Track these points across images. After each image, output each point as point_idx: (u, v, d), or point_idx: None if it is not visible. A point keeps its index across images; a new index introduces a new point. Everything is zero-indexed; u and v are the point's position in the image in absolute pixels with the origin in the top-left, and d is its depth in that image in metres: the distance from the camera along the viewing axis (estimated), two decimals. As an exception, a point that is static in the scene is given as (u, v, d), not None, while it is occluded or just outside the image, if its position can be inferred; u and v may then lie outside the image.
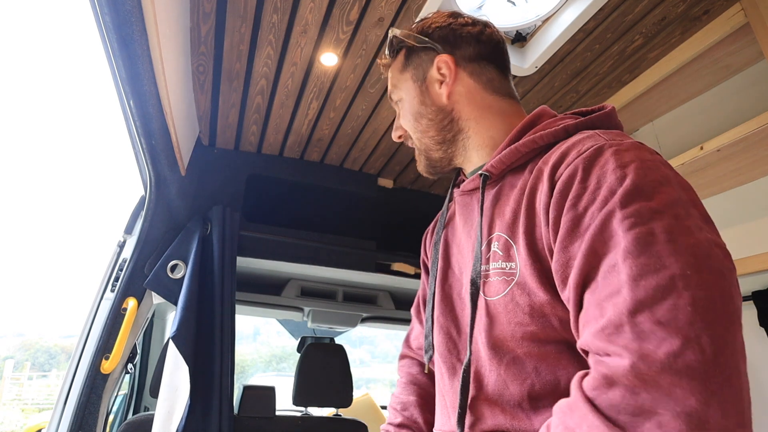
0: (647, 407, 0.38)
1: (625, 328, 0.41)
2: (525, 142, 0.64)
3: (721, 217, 1.42)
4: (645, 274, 0.42)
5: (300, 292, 2.04)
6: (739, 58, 1.34)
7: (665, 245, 0.43)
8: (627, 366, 0.40)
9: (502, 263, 0.61)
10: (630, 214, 0.46)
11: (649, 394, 0.38)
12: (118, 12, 0.83)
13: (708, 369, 0.38)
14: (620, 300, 0.43)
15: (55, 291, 55.32)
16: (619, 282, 0.44)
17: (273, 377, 8.72)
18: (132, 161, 1.38)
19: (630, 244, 0.44)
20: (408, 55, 0.79)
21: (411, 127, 0.78)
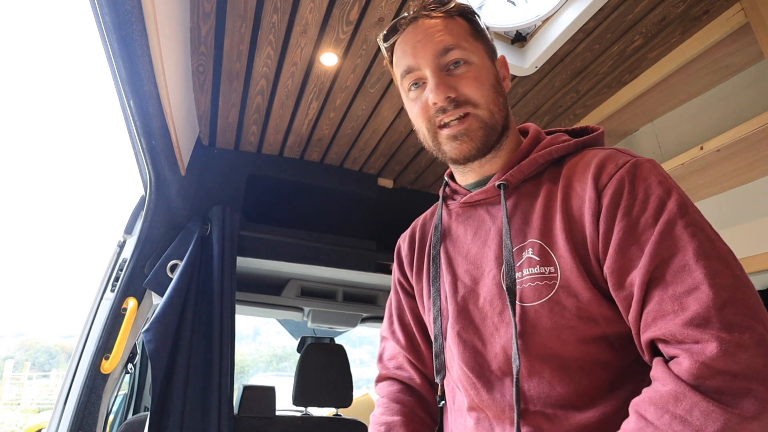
0: (745, 388, 0.45)
1: (713, 319, 0.48)
2: (542, 154, 0.68)
3: (721, 217, 1.42)
4: (717, 274, 0.50)
5: (300, 292, 2.04)
6: (739, 58, 1.34)
7: (722, 249, 0.53)
8: (724, 356, 0.46)
9: (540, 268, 0.62)
10: (689, 223, 0.54)
11: (745, 378, 0.46)
12: (118, 12, 0.83)
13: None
14: (702, 295, 0.49)
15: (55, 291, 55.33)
16: (696, 280, 0.50)
17: (273, 377, 8.72)
18: (132, 161, 1.38)
19: (698, 247, 0.52)
20: (477, 29, 0.73)
21: (488, 95, 0.68)
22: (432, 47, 0.68)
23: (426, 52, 0.68)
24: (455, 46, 0.68)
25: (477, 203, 0.73)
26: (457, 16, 0.71)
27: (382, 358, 0.92)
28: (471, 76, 0.68)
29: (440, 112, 0.67)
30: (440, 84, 0.67)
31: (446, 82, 0.67)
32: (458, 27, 0.70)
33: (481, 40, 0.72)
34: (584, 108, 1.65)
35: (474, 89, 0.67)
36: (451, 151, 0.69)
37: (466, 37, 0.70)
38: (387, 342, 0.92)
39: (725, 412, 0.45)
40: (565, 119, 1.72)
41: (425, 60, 0.68)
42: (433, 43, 0.68)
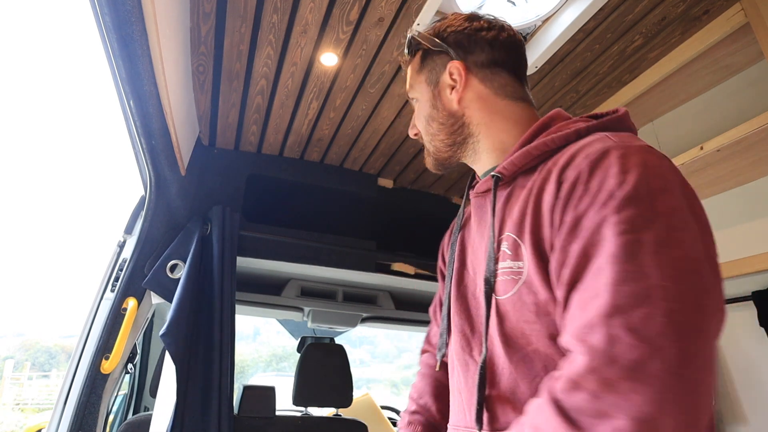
0: (606, 411, 0.40)
1: (597, 329, 0.43)
2: (537, 145, 0.65)
3: (721, 217, 1.42)
4: (626, 281, 0.44)
5: (300, 292, 2.04)
6: (739, 58, 1.34)
7: (651, 255, 0.45)
8: (592, 367, 0.42)
9: (510, 263, 0.62)
10: (622, 220, 0.47)
11: (609, 399, 0.40)
12: (118, 12, 0.83)
13: (668, 379, 0.39)
14: (599, 303, 0.45)
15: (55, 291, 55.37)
16: (600, 285, 0.45)
17: (273, 377, 8.72)
18: (132, 161, 1.38)
19: (617, 249, 0.46)
20: (424, 57, 0.81)
21: (423, 128, 0.82)
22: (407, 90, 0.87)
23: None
24: (410, 87, 0.85)
25: (483, 194, 0.75)
26: (415, 55, 0.84)
27: (428, 336, 1.02)
28: (417, 113, 0.83)
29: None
30: (411, 125, 0.86)
31: (413, 119, 0.85)
32: (413, 66, 0.84)
33: (423, 70, 0.81)
34: (584, 108, 1.65)
35: (419, 124, 0.83)
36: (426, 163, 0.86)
37: (415, 76, 0.83)
38: (432, 322, 1.01)
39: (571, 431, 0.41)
40: (565, 119, 1.72)
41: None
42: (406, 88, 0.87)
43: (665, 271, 0.44)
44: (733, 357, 1.35)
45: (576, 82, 1.51)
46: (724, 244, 1.39)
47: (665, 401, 0.38)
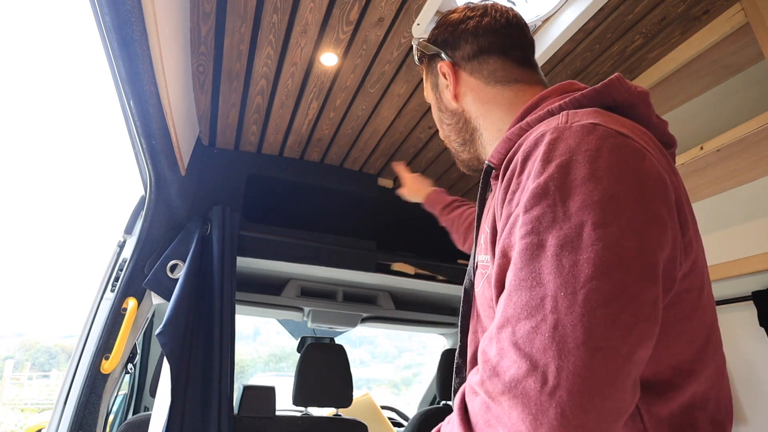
0: (493, 422, 0.39)
1: (492, 342, 0.42)
2: (513, 130, 0.60)
3: (721, 216, 1.42)
4: (519, 289, 0.41)
5: (300, 292, 2.03)
6: (739, 58, 1.34)
7: (550, 260, 0.40)
8: (482, 380, 0.41)
9: (483, 256, 0.62)
10: (529, 220, 0.43)
11: (495, 411, 0.39)
12: (118, 12, 0.83)
13: (544, 400, 0.36)
14: (498, 313, 0.43)
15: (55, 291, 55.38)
16: (506, 290, 0.43)
17: (273, 377, 8.72)
18: (132, 161, 1.38)
19: (518, 254, 0.43)
20: (428, 63, 0.83)
21: (441, 133, 0.84)
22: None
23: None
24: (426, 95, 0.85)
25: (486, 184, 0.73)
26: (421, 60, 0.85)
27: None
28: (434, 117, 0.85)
29: None
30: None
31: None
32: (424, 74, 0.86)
33: (429, 75, 0.82)
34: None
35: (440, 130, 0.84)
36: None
37: (425, 83, 0.85)
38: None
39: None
40: (565, 119, 1.72)
41: None
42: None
43: (562, 279, 0.39)
44: (733, 357, 1.35)
45: (576, 82, 1.51)
46: (724, 244, 1.39)
47: (537, 423, 0.35)
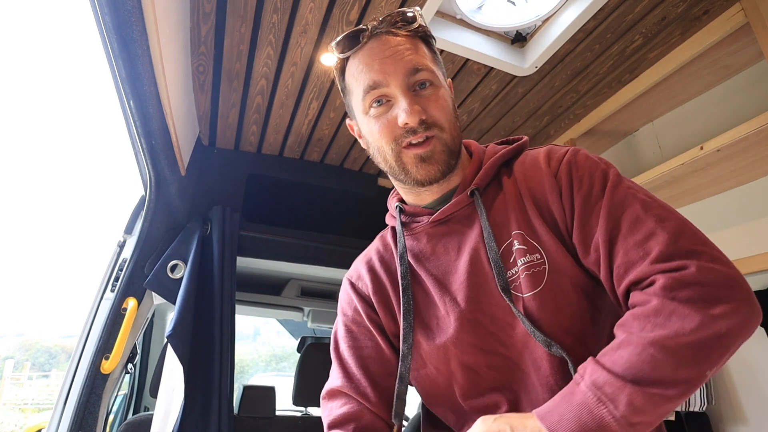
0: (714, 294, 0.52)
1: (674, 253, 0.55)
2: (497, 158, 0.74)
3: (721, 217, 1.42)
4: (664, 218, 0.58)
5: (300, 292, 2.04)
6: (739, 58, 1.34)
7: (658, 201, 0.62)
8: (693, 271, 0.53)
9: (529, 256, 0.66)
10: (629, 186, 0.64)
11: (713, 286, 0.52)
12: (118, 12, 0.83)
13: (730, 265, 0.56)
14: (660, 237, 0.57)
15: (55, 291, 55.29)
16: (650, 228, 0.58)
17: (273, 377, 8.72)
18: (132, 161, 1.38)
19: (642, 202, 0.61)
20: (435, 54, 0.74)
21: (450, 121, 0.70)
22: (402, 65, 0.67)
23: (396, 69, 0.67)
24: (424, 67, 0.68)
25: (448, 218, 0.72)
26: (421, 38, 0.71)
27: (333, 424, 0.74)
28: (438, 100, 0.68)
29: (409, 133, 0.67)
30: (413, 104, 0.66)
31: (418, 102, 0.67)
32: (425, 51, 0.71)
33: (439, 65, 0.74)
34: (584, 108, 1.65)
35: (441, 113, 0.68)
36: (417, 172, 0.69)
37: (431, 61, 0.70)
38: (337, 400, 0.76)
39: (699, 313, 0.51)
40: (565, 119, 1.72)
41: (395, 78, 0.67)
42: (403, 62, 0.67)
43: (670, 208, 0.61)
44: (733, 357, 1.35)
45: (576, 82, 1.51)
46: (724, 244, 1.39)
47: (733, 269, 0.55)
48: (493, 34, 1.32)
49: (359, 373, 0.76)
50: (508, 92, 1.55)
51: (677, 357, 0.50)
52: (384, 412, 0.74)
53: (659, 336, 0.51)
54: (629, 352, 0.51)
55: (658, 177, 1.35)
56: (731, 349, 0.53)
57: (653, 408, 0.49)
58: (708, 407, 1.34)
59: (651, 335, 0.51)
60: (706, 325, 0.50)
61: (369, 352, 0.77)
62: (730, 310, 0.51)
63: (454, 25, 1.26)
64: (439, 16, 1.23)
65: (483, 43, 1.30)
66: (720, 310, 0.51)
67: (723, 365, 0.55)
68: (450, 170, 0.70)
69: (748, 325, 0.53)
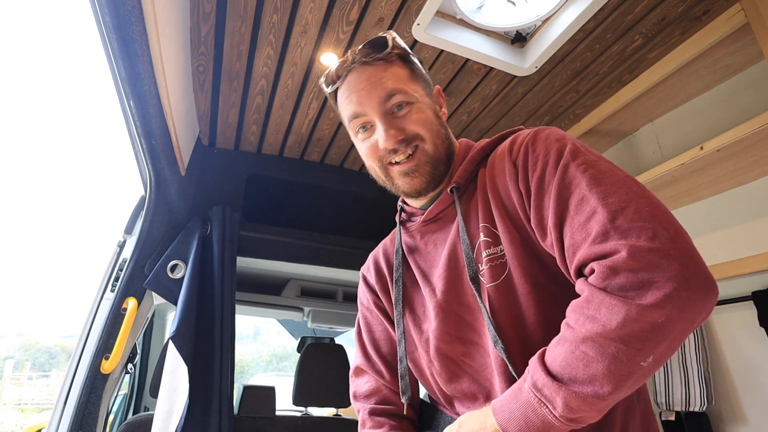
0: (647, 279, 0.49)
1: (610, 233, 0.53)
2: (478, 150, 0.76)
3: (722, 216, 1.42)
4: (609, 194, 0.56)
5: (300, 292, 2.04)
6: (739, 58, 1.34)
7: (612, 175, 0.59)
8: (625, 256, 0.50)
9: (492, 249, 0.69)
10: (581, 162, 0.61)
11: (645, 271, 0.49)
12: (118, 12, 0.83)
13: (678, 240, 0.51)
14: (599, 216, 0.55)
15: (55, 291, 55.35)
16: (593, 206, 0.56)
17: (273, 377, 8.72)
18: (132, 161, 1.38)
19: (590, 179, 0.58)
20: (412, 68, 0.77)
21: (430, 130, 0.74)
22: (376, 94, 0.72)
23: (371, 99, 0.73)
24: (397, 90, 0.73)
25: (437, 217, 0.79)
26: (396, 60, 0.76)
27: (358, 396, 0.88)
28: (415, 115, 0.73)
29: (391, 153, 0.73)
30: (389, 129, 0.72)
31: (394, 125, 0.72)
32: (397, 71, 0.75)
33: (419, 80, 0.77)
34: (584, 108, 1.65)
35: (419, 126, 0.73)
36: (404, 185, 0.76)
37: (405, 81, 0.74)
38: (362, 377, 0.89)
39: (626, 303, 0.49)
40: (565, 119, 1.72)
41: (371, 107, 0.73)
42: (377, 90, 0.72)
43: (627, 180, 0.58)
44: (733, 357, 1.35)
45: (576, 82, 1.51)
46: (724, 244, 1.39)
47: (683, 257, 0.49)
48: (493, 34, 1.32)
49: (374, 354, 0.88)
50: (508, 92, 1.55)
51: (607, 353, 0.49)
52: (397, 387, 0.83)
53: (589, 331, 0.50)
54: (564, 350, 0.52)
55: (658, 177, 1.35)
56: (672, 336, 0.49)
57: (589, 407, 0.50)
58: (708, 407, 1.34)
59: (582, 331, 0.51)
60: (633, 317, 0.48)
61: (380, 335, 0.88)
62: (663, 296, 0.47)
63: (454, 25, 1.26)
64: (439, 16, 1.23)
65: (483, 43, 1.30)
66: (652, 299, 0.48)
67: (672, 352, 0.51)
68: (436, 181, 0.76)
69: (689, 310, 0.48)
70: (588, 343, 0.50)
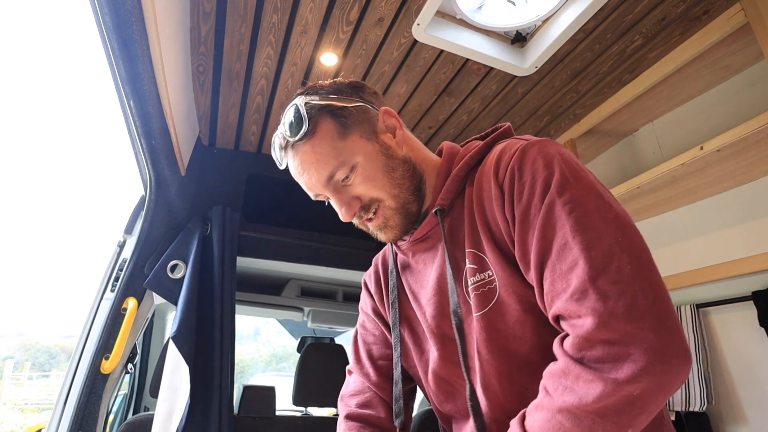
0: (622, 353, 0.48)
1: (589, 292, 0.51)
2: (461, 167, 0.71)
3: (722, 217, 1.42)
4: (592, 246, 0.53)
5: (300, 292, 2.04)
6: (739, 58, 1.34)
7: (600, 220, 0.55)
8: (600, 326, 0.49)
9: (479, 275, 0.65)
10: (567, 201, 0.56)
11: (621, 345, 0.49)
12: (118, 12, 0.83)
13: (655, 308, 0.49)
14: (580, 270, 0.52)
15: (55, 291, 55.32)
16: (575, 256, 0.53)
17: (273, 377, 8.72)
18: (132, 161, 1.38)
19: (575, 224, 0.55)
20: (341, 118, 0.70)
21: (385, 185, 0.70)
22: (316, 179, 0.70)
23: (315, 185, 0.71)
24: (335, 168, 0.69)
25: (426, 236, 0.75)
26: (319, 124, 0.69)
27: (343, 396, 0.87)
28: (360, 181, 0.70)
29: (357, 218, 0.73)
30: (341, 206, 0.71)
31: (346, 198, 0.71)
32: (326, 140, 0.69)
33: (352, 127, 0.70)
34: (584, 108, 1.65)
35: (369, 190, 0.70)
36: (383, 237, 0.75)
37: (337, 145, 0.69)
38: (351, 377, 0.89)
39: (602, 379, 0.48)
40: (565, 119, 1.72)
41: (317, 190, 0.72)
42: (315, 177, 0.70)
43: (613, 227, 0.54)
44: (733, 357, 1.35)
45: (576, 82, 1.51)
46: (724, 244, 1.39)
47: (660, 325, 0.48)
48: (493, 34, 1.32)
49: (365, 356, 0.88)
50: (508, 92, 1.55)
51: (583, 425, 0.49)
52: (383, 391, 0.84)
53: (566, 402, 0.50)
54: (542, 418, 0.52)
55: (658, 177, 1.35)
56: (650, 408, 0.49)
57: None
58: (708, 407, 1.34)
59: (560, 401, 0.51)
60: (609, 392, 0.48)
61: (374, 339, 0.88)
62: (638, 371, 0.47)
63: (454, 25, 1.26)
64: (439, 16, 1.23)
65: (483, 43, 1.30)
66: (627, 373, 0.47)
67: (651, 416, 0.51)
68: (411, 223, 0.74)
69: (664, 382, 0.48)
70: (564, 414, 0.50)
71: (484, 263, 0.65)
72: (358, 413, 0.82)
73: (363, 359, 0.87)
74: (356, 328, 0.93)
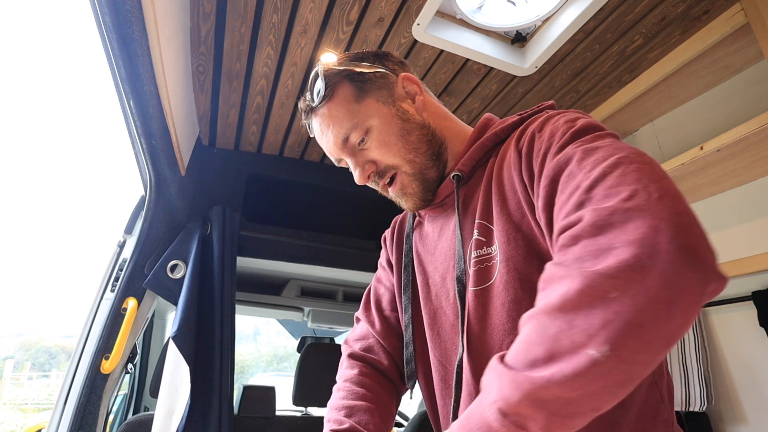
0: (605, 245, 0.39)
1: (584, 203, 0.44)
2: (489, 137, 0.70)
3: (721, 217, 1.42)
4: (596, 165, 0.46)
5: (300, 292, 2.04)
6: (739, 58, 1.34)
7: (609, 148, 0.48)
8: (587, 221, 0.41)
9: (485, 249, 0.64)
10: (580, 142, 0.52)
11: (605, 235, 0.40)
12: (118, 12, 0.83)
13: (655, 206, 0.39)
14: (580, 190, 0.46)
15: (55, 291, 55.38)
16: (577, 180, 0.47)
17: (273, 377, 8.73)
18: (132, 161, 1.38)
19: (581, 152, 0.50)
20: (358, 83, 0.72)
21: (400, 149, 0.70)
22: (334, 143, 0.72)
23: (334, 148, 0.73)
24: (349, 130, 0.70)
25: (443, 201, 0.74)
26: (336, 87, 0.71)
27: (348, 339, 0.89)
28: (377, 144, 0.70)
29: (374, 183, 0.75)
30: (356, 167, 0.72)
31: (361, 161, 0.72)
32: (342, 104, 0.71)
33: (369, 92, 0.72)
34: (584, 108, 1.65)
35: (385, 155, 0.71)
36: (404, 206, 0.75)
37: (352, 108, 0.70)
38: (358, 324, 0.91)
39: (580, 274, 0.39)
40: (565, 119, 1.72)
41: (336, 152, 0.74)
42: (333, 140, 0.72)
43: (626, 150, 0.47)
44: (733, 357, 1.35)
45: (576, 82, 1.51)
46: (724, 244, 1.39)
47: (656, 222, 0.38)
48: (493, 34, 1.32)
49: (373, 305, 0.89)
50: (508, 92, 1.55)
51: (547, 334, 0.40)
52: (385, 340, 0.84)
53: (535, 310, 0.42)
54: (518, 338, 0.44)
55: (658, 177, 1.35)
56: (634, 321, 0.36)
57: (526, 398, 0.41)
58: (708, 407, 1.34)
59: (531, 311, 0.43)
60: (577, 288, 0.39)
61: (384, 290, 0.89)
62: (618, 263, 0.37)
63: (454, 25, 1.26)
64: (439, 16, 1.23)
65: (483, 43, 1.30)
66: (603, 265, 0.38)
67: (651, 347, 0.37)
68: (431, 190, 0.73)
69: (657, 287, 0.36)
70: (531, 323, 0.42)
71: (491, 236, 0.63)
72: (362, 355, 0.84)
73: (371, 308, 0.89)
74: (372, 281, 0.95)
